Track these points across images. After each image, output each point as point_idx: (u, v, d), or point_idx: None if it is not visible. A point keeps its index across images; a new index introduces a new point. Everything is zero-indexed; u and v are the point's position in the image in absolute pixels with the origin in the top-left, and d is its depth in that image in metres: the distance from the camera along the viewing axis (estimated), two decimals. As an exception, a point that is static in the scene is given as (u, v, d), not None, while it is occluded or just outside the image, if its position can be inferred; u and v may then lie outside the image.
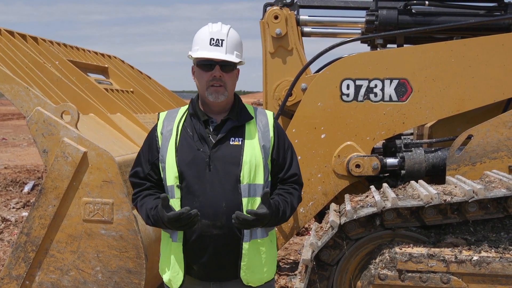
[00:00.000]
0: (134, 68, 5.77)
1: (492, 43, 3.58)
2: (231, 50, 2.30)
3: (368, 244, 3.02)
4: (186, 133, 2.33)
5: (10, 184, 9.25)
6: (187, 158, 2.28)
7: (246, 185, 2.26)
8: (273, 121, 2.40)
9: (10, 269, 3.15)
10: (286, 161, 2.39)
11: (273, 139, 2.36)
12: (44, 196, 3.08)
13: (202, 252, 2.28)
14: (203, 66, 2.30)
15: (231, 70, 2.32)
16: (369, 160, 3.63)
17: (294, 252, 5.57)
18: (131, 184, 2.47)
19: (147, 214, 2.31)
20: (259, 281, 2.34)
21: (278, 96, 3.84)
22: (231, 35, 2.33)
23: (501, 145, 3.49)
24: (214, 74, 2.28)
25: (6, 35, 3.90)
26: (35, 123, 3.10)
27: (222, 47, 2.28)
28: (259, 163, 2.29)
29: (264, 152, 2.32)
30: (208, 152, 2.28)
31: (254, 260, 2.30)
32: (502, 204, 2.87)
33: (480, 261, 2.75)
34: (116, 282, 3.10)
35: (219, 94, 2.29)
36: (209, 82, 2.28)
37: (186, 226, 2.18)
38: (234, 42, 2.33)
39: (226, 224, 2.24)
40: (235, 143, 2.30)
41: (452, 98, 3.62)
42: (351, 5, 4.12)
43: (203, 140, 2.30)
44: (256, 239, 2.30)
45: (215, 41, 2.29)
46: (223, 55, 2.28)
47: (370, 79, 3.65)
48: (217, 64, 2.27)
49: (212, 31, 2.31)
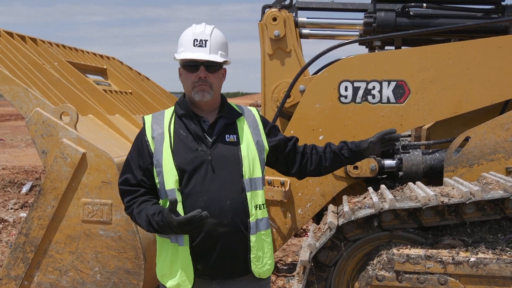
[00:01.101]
0: (132, 69, 5.78)
1: (490, 45, 3.60)
2: (215, 50, 2.31)
3: (366, 245, 3.03)
4: (179, 135, 2.32)
5: (8, 185, 9.24)
6: (186, 159, 2.27)
7: (248, 180, 2.30)
8: (258, 115, 2.49)
9: (8, 270, 3.16)
10: (284, 136, 2.54)
11: (263, 130, 2.45)
12: (43, 196, 3.09)
13: (210, 252, 2.27)
14: (188, 67, 2.31)
15: (216, 70, 2.33)
16: (367, 161, 3.64)
17: (292, 253, 5.58)
18: (121, 192, 2.39)
19: (148, 221, 2.23)
20: (268, 272, 2.39)
21: (277, 97, 3.85)
22: (214, 35, 2.33)
23: (498, 147, 3.50)
24: (199, 75, 2.29)
25: (5, 36, 3.91)
26: (34, 124, 3.10)
27: (206, 48, 2.29)
28: (255, 157, 2.34)
29: (258, 147, 2.37)
30: (208, 151, 2.29)
31: (260, 252, 2.33)
32: (499, 205, 2.88)
33: (477, 263, 2.76)
34: (115, 282, 3.11)
35: (204, 93, 2.30)
36: (194, 83, 2.30)
37: (196, 229, 2.14)
38: (218, 42, 2.33)
39: (232, 221, 2.26)
40: (231, 140, 2.33)
41: (449, 100, 3.63)
42: (349, 7, 4.13)
43: (200, 139, 2.31)
44: (260, 231, 2.34)
45: (198, 41, 2.29)
46: (207, 56, 2.28)
47: (368, 81, 3.66)
48: (201, 65, 2.28)
49: (195, 32, 2.32)
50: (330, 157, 2.59)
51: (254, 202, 2.32)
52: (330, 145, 2.64)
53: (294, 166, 2.57)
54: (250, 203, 2.30)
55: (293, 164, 2.57)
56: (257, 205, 2.33)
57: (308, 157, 2.58)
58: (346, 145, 2.61)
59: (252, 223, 2.30)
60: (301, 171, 2.59)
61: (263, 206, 2.36)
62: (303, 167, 2.58)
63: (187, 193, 2.26)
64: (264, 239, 2.36)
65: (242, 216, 2.28)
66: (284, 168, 2.60)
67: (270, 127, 2.51)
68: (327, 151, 2.60)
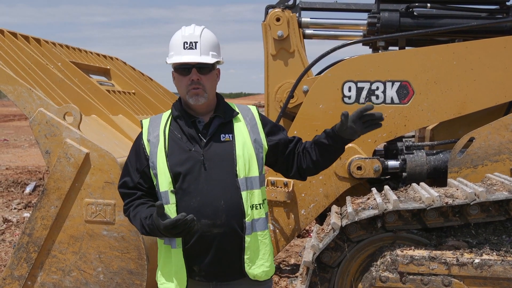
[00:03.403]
0: (135, 69, 5.78)
1: (494, 45, 3.59)
2: (206, 51, 2.28)
3: (370, 246, 3.02)
4: (174, 136, 2.31)
5: (11, 185, 9.27)
6: (180, 161, 2.26)
7: (243, 179, 2.27)
8: (257, 113, 2.44)
9: (12, 270, 3.16)
10: (286, 137, 2.45)
11: (262, 129, 2.39)
12: (47, 197, 3.09)
13: (204, 253, 2.25)
14: (180, 71, 2.29)
15: (209, 71, 2.30)
16: (370, 162, 3.64)
17: (295, 254, 5.57)
18: (121, 195, 2.40)
19: (141, 224, 2.25)
20: (265, 274, 2.33)
21: (280, 98, 3.84)
22: (204, 36, 2.30)
23: (502, 147, 3.49)
24: (192, 78, 2.26)
25: (9, 36, 3.92)
26: (38, 124, 3.11)
27: (196, 50, 2.26)
28: (252, 156, 2.30)
29: (256, 146, 2.33)
30: (201, 151, 2.27)
31: (256, 252, 2.29)
32: (504, 207, 2.87)
33: (482, 264, 2.75)
34: (118, 283, 3.11)
35: (199, 97, 2.28)
36: (188, 87, 2.28)
37: (183, 232, 2.13)
38: (209, 43, 2.30)
39: (226, 221, 2.23)
40: (225, 140, 2.30)
41: (453, 100, 3.62)
42: (353, 8, 4.12)
43: (193, 140, 2.29)
44: (257, 232, 2.30)
45: (188, 44, 2.26)
46: (197, 58, 2.26)
47: (372, 81, 3.66)
48: (193, 67, 2.26)
49: (185, 34, 2.29)
50: (315, 149, 2.46)
51: (250, 201, 2.28)
52: (314, 138, 2.52)
53: (293, 168, 2.49)
54: (246, 203, 2.26)
55: (292, 166, 2.49)
56: (254, 204, 2.29)
57: (300, 156, 2.49)
58: (325, 131, 2.46)
59: (247, 223, 2.26)
60: (299, 172, 2.51)
61: (260, 206, 2.31)
62: (300, 167, 2.48)
63: (181, 194, 2.25)
64: (260, 240, 2.31)
65: (237, 217, 2.25)
66: (284, 170, 2.52)
67: (271, 126, 2.45)
68: (311, 145, 2.48)
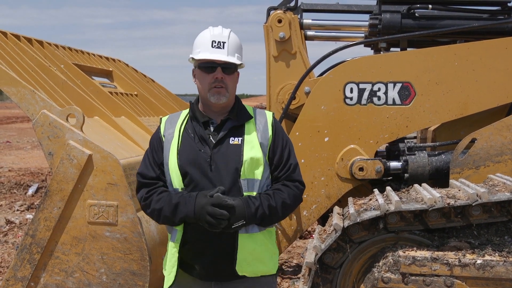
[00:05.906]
0: (138, 71, 5.79)
1: (496, 46, 3.59)
2: (232, 52, 2.33)
3: (372, 247, 3.02)
4: (187, 135, 2.36)
5: (14, 186, 9.29)
6: (188, 160, 2.31)
7: (245, 180, 2.30)
8: (272, 120, 2.41)
9: (15, 271, 3.17)
10: (282, 160, 2.37)
11: (271, 137, 2.37)
12: (49, 198, 3.10)
13: (203, 251, 2.30)
14: (205, 68, 2.32)
15: (232, 72, 2.34)
16: (372, 163, 3.64)
17: (297, 255, 5.57)
18: (139, 185, 2.39)
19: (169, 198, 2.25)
20: (253, 272, 2.32)
21: (282, 99, 3.85)
22: (232, 38, 2.36)
23: (504, 148, 3.49)
24: (216, 76, 2.30)
25: (12, 38, 3.93)
26: (40, 126, 3.12)
27: (224, 49, 2.31)
28: (259, 161, 2.31)
29: (263, 150, 2.34)
30: (209, 152, 2.30)
31: (248, 251, 2.30)
32: (506, 207, 2.88)
33: (484, 265, 2.75)
34: (121, 284, 3.11)
35: (220, 96, 2.31)
36: (211, 84, 2.31)
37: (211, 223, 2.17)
38: (235, 45, 2.36)
39: None
40: (234, 143, 2.32)
41: (455, 101, 3.62)
42: (354, 9, 4.13)
43: (204, 141, 2.33)
44: (251, 232, 2.31)
45: (216, 43, 2.31)
46: (225, 57, 2.30)
47: (374, 82, 3.66)
48: (218, 66, 2.30)
49: (214, 34, 2.34)
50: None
51: None
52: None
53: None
54: None
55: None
56: None
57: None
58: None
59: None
60: None
61: None
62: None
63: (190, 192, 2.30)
64: (255, 240, 2.32)
65: None
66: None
67: (281, 140, 2.39)
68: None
